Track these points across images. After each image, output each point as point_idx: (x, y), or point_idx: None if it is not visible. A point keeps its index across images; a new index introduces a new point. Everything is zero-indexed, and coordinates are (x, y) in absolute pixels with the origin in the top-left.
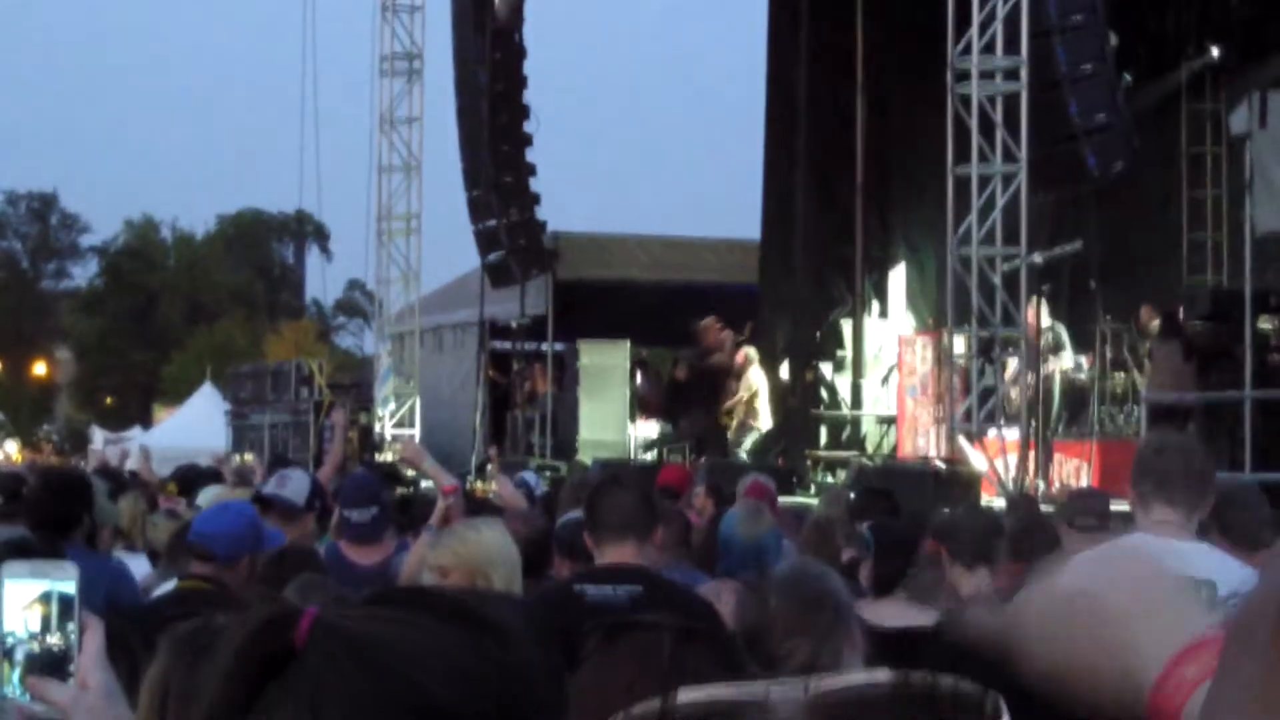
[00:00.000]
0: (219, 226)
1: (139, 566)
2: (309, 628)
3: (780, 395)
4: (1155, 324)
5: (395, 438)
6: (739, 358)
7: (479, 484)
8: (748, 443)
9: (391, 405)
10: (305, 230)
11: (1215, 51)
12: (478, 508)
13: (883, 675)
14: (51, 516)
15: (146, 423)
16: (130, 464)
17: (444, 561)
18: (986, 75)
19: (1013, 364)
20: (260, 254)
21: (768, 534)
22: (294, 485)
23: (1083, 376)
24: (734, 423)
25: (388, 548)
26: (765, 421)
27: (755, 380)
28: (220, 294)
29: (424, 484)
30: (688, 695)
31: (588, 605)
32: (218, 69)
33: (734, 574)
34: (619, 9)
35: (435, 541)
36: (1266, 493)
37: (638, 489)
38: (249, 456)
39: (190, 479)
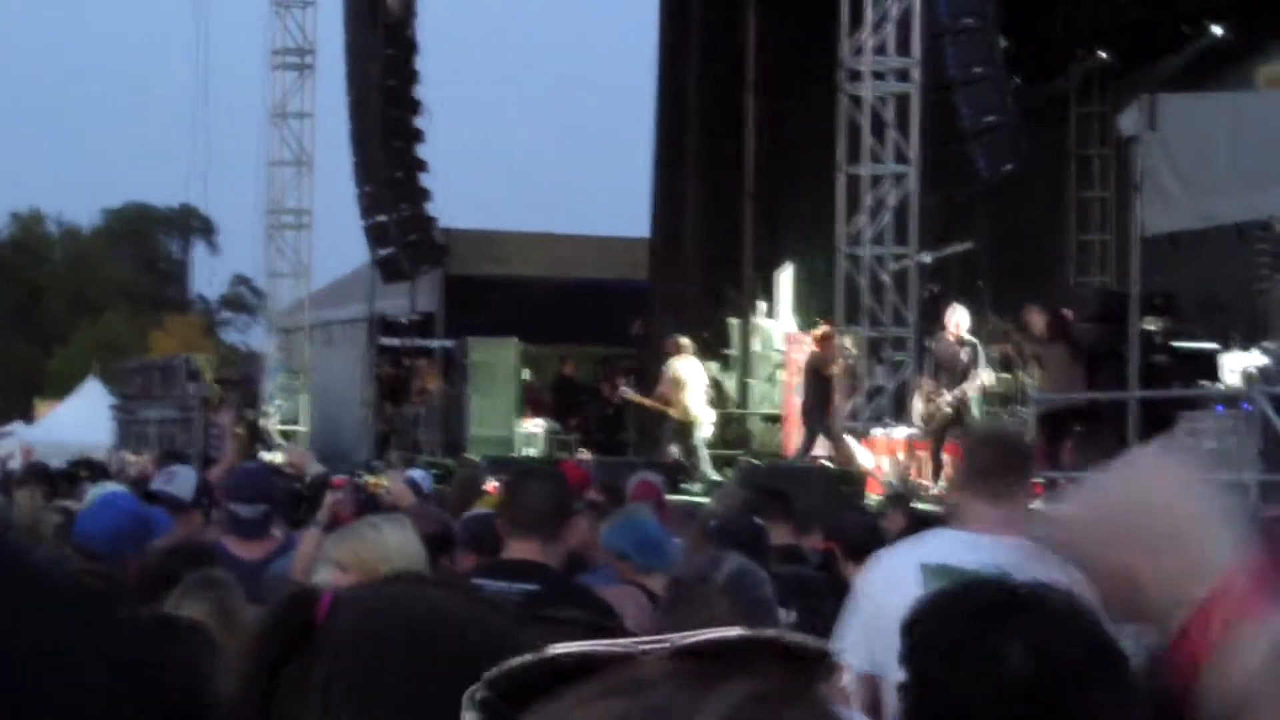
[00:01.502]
0: (105, 220)
1: None
2: (329, 603)
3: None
4: (1041, 324)
5: (285, 435)
6: (669, 345)
7: (370, 479)
8: (700, 435)
9: (279, 400)
10: (192, 224)
11: (1103, 54)
12: (368, 503)
13: (735, 631)
14: None
15: (28, 417)
16: (14, 464)
17: (341, 558)
18: (878, 76)
19: (927, 382)
20: (147, 248)
21: (654, 534)
22: (181, 481)
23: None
24: (677, 417)
25: (272, 543)
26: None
27: (681, 371)
28: (106, 288)
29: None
30: (561, 648)
31: None
32: (105, 61)
33: (648, 572)
34: (512, 5)
35: (338, 536)
36: None
37: (553, 487)
38: (141, 456)
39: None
